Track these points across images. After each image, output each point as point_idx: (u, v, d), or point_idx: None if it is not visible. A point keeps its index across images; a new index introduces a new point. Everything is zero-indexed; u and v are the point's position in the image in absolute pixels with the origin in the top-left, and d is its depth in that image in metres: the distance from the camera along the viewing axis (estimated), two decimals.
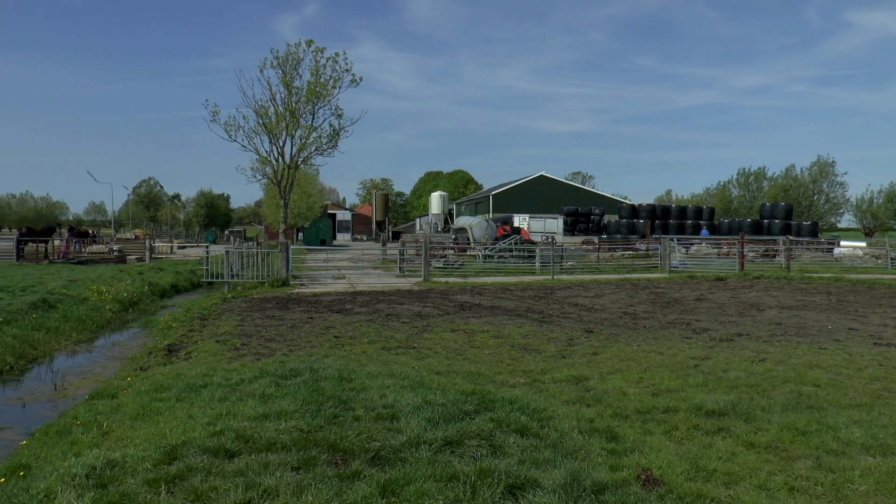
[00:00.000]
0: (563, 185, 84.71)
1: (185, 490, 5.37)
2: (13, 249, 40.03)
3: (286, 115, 34.94)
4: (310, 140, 35.80)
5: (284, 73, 34.90)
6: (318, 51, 34.81)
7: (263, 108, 35.02)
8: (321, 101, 35.11)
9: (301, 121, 35.29)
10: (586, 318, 16.26)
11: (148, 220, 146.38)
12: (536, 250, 34.45)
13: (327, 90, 34.93)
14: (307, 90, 34.79)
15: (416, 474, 5.53)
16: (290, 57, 34.89)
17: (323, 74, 34.86)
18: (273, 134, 35.35)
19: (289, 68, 34.93)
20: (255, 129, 35.30)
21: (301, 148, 36.01)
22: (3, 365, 13.37)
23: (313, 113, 35.43)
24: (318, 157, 37.14)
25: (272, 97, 35.09)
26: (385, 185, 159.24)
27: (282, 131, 35.37)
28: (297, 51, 34.95)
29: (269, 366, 10.10)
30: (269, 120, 35.08)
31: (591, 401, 8.26)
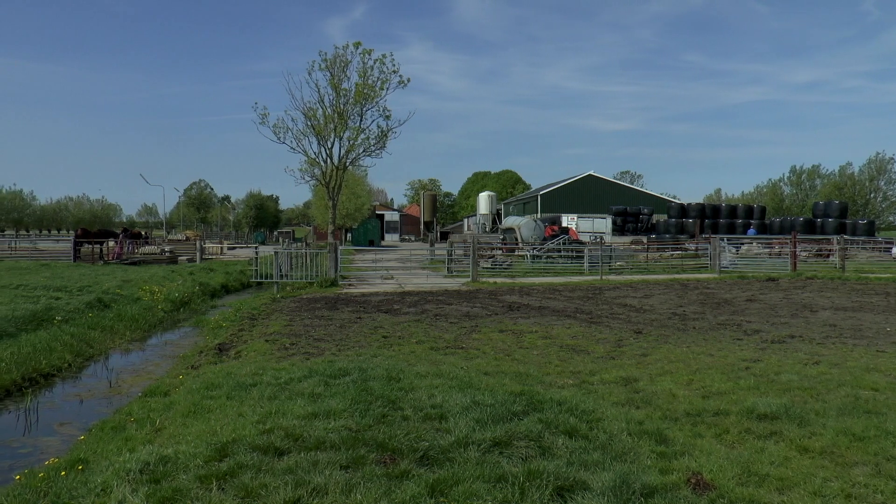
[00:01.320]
0: (612, 184, 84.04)
1: (236, 487, 5.45)
2: (71, 251, 40.98)
3: (334, 116, 35.18)
4: (358, 141, 36.02)
5: (332, 76, 35.15)
6: (365, 53, 35.00)
7: (312, 111, 35.31)
8: (369, 102, 35.29)
9: (349, 122, 35.52)
10: (635, 318, 16.12)
11: (198, 221, 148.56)
12: (585, 250, 34.21)
13: (375, 92, 35.10)
14: (355, 92, 34.99)
15: (464, 475, 5.54)
16: (338, 59, 35.12)
17: (370, 76, 35.04)
18: (321, 136, 35.62)
19: (337, 70, 35.16)
20: (304, 131, 35.61)
21: (349, 149, 36.25)
22: (62, 362, 13.68)
23: (361, 114, 35.64)
24: (367, 158, 37.32)
25: (320, 99, 35.38)
26: (433, 186, 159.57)
27: (330, 133, 35.62)
28: (344, 53, 35.19)
29: (318, 365, 10.18)
30: (318, 122, 35.34)
31: (641, 403, 8.19)
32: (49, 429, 9.97)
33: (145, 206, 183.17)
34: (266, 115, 35.32)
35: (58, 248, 47.87)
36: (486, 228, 72.35)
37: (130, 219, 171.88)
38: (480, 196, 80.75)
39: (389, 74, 35.23)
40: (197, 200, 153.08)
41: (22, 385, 12.09)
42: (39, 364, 13.04)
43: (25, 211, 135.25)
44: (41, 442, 9.36)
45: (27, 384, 12.21)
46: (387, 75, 35.21)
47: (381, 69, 35.11)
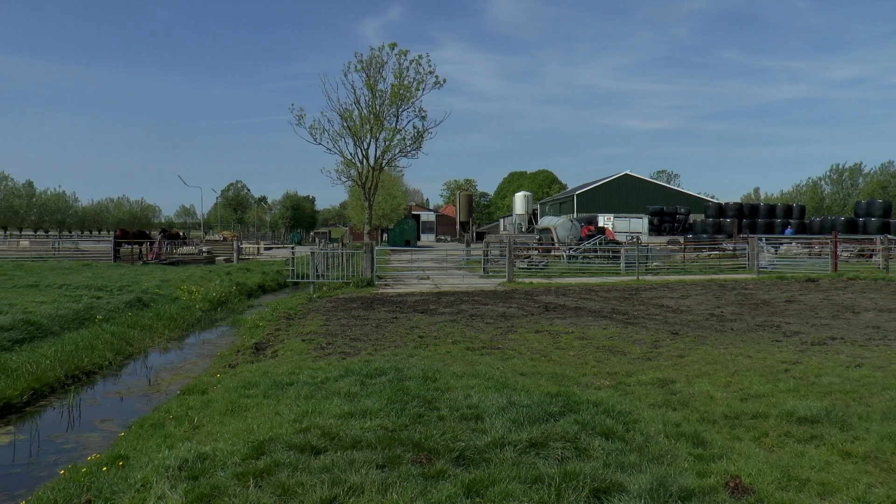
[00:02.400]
0: (648, 183, 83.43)
1: (273, 485, 5.49)
2: (111, 251, 41.64)
3: (370, 117, 35.25)
4: (394, 142, 36.07)
5: (368, 77, 35.21)
6: (401, 53, 35.02)
7: (348, 112, 35.41)
8: (405, 103, 35.33)
9: (385, 123, 35.55)
10: (672, 319, 15.99)
11: (235, 222, 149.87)
12: (621, 251, 34.03)
13: (411, 92, 35.12)
14: (391, 93, 35.05)
15: (500, 475, 5.54)
16: (374, 60, 35.18)
17: (406, 77, 35.05)
18: (357, 136, 35.72)
19: (372, 71, 35.22)
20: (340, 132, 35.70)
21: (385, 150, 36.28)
22: (103, 360, 13.92)
23: (397, 115, 35.65)
24: (403, 158, 37.31)
25: (356, 100, 35.44)
26: (469, 186, 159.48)
27: (366, 134, 35.71)
28: (380, 54, 35.22)
29: (355, 365, 10.23)
30: (354, 123, 35.44)
31: (678, 404, 8.12)
32: (91, 425, 10.16)
33: (183, 207, 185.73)
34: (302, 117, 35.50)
35: (98, 248, 48.64)
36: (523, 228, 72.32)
37: (169, 219, 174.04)
38: (516, 196, 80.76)
39: (425, 75, 35.22)
40: (234, 201, 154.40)
41: (65, 382, 12.33)
42: (81, 362, 13.28)
43: (68, 212, 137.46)
44: (83, 438, 9.55)
45: (70, 381, 12.45)
46: (423, 76, 35.20)
47: (416, 70, 35.12)
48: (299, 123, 35.58)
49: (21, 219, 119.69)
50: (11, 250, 48.49)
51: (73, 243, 54.89)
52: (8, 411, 10.57)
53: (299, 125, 35.59)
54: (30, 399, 11.20)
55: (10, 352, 13.12)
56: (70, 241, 58.15)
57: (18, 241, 59.13)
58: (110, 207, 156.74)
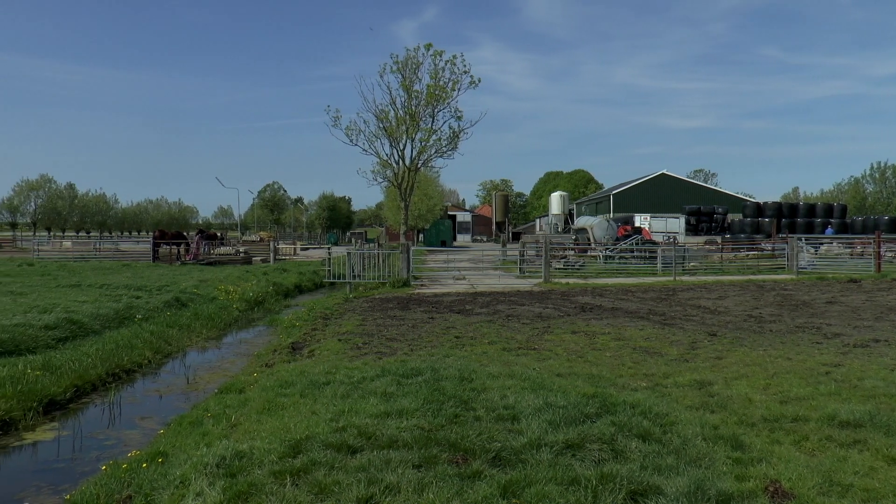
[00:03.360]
0: (685, 183, 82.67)
1: (309, 483, 5.54)
2: (150, 251, 42.22)
3: (406, 118, 35.41)
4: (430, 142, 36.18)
5: (404, 78, 35.38)
6: (436, 54, 35.18)
7: (384, 113, 35.63)
8: (440, 103, 35.43)
9: (421, 124, 35.71)
10: (709, 320, 15.84)
11: (272, 222, 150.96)
12: (658, 251, 33.77)
13: (446, 93, 35.22)
14: (426, 93, 35.16)
15: (536, 476, 5.53)
16: (410, 61, 35.35)
17: (442, 77, 35.19)
18: (393, 137, 35.91)
19: (408, 72, 35.39)
20: (376, 133, 35.95)
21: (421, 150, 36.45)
22: (143, 359, 14.11)
23: (433, 115, 35.81)
24: (438, 159, 37.50)
25: (392, 101, 35.66)
26: (505, 186, 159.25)
27: (402, 134, 35.88)
28: (416, 55, 35.41)
29: (391, 364, 10.27)
30: (390, 124, 35.64)
31: (715, 407, 8.03)
32: (131, 422, 10.31)
33: (221, 208, 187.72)
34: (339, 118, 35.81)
35: (138, 248, 49.32)
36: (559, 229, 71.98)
37: (206, 220, 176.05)
38: (552, 196, 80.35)
39: (460, 75, 35.36)
40: (271, 202, 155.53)
41: (106, 380, 12.51)
42: (122, 360, 13.47)
43: (108, 213, 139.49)
44: (124, 434, 9.69)
45: (111, 379, 12.64)
46: (458, 76, 35.34)
47: (452, 70, 35.26)
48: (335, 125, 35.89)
49: (63, 220, 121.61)
50: (55, 251, 49.34)
51: (113, 244, 55.68)
52: (52, 408, 10.76)
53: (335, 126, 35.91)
54: (73, 396, 11.39)
55: (54, 350, 13.37)
56: (110, 242, 59.02)
57: (61, 241, 60.17)
58: (149, 209, 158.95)
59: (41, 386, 10.87)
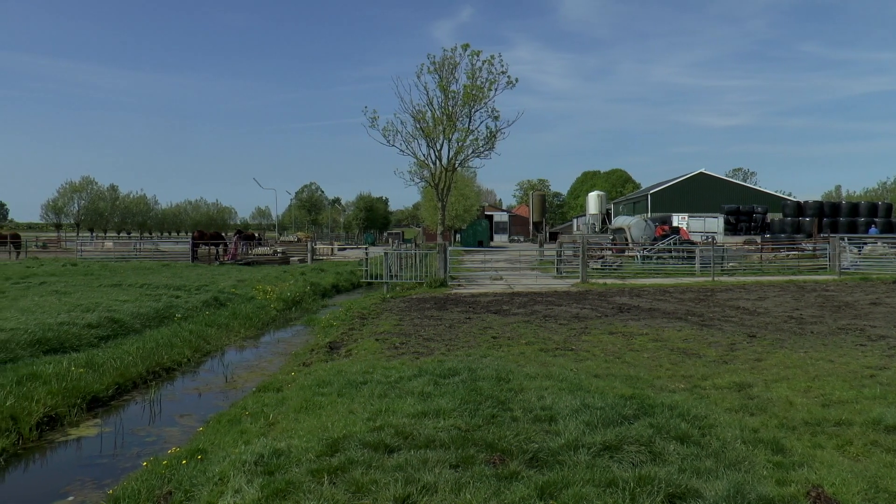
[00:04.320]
0: (724, 182, 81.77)
1: (347, 482, 5.56)
2: (189, 252, 42.71)
3: (443, 118, 35.42)
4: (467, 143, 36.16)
5: (441, 78, 35.40)
6: (473, 54, 35.17)
7: (420, 113, 35.68)
8: (477, 103, 35.40)
9: (458, 124, 35.69)
10: (749, 321, 15.65)
11: (309, 223, 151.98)
12: (696, 251, 33.44)
13: (483, 93, 35.18)
14: (463, 93, 35.15)
15: (574, 478, 5.50)
16: (447, 62, 35.37)
17: (479, 77, 35.15)
18: (430, 138, 35.94)
19: (445, 73, 35.41)
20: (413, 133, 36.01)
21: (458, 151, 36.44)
22: (182, 357, 14.30)
23: (470, 116, 35.79)
24: (475, 159, 37.46)
25: (429, 102, 35.71)
26: (542, 186, 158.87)
27: (439, 135, 35.90)
28: (453, 55, 35.41)
29: (428, 364, 10.29)
30: (427, 124, 35.68)
31: (755, 409, 7.93)
32: (171, 419, 10.46)
33: (258, 209, 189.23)
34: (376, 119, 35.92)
35: (177, 249, 49.88)
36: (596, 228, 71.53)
37: (244, 221, 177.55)
38: (590, 196, 79.92)
39: (498, 75, 35.30)
40: (308, 203, 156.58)
41: (147, 378, 12.70)
42: (161, 359, 13.66)
43: (149, 214, 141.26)
44: (164, 432, 9.83)
45: (151, 377, 12.83)
46: (495, 76, 35.30)
47: (489, 70, 35.22)
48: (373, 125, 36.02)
49: (105, 221, 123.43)
50: (97, 251, 50.13)
51: (153, 244, 56.49)
52: (95, 405, 10.95)
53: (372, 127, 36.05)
54: (114, 393, 11.58)
55: (96, 348, 13.60)
56: (150, 243, 59.93)
57: (103, 242, 61.06)
58: (188, 209, 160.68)
59: (85, 383, 11.08)
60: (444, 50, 36.79)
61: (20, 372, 10.91)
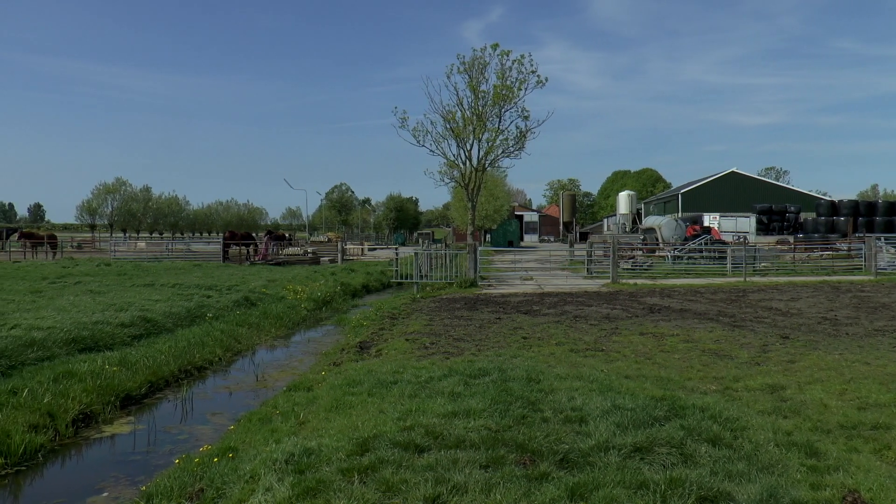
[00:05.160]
0: (756, 181, 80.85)
1: (377, 481, 5.58)
2: (220, 252, 43.04)
3: (473, 118, 35.34)
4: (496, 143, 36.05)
5: (471, 78, 35.28)
6: (503, 54, 34.96)
7: (450, 113, 35.55)
8: (507, 103, 35.28)
9: (488, 124, 35.58)
10: (781, 323, 15.48)
11: (340, 223, 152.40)
12: (727, 251, 33.14)
13: (513, 92, 35.05)
14: (493, 93, 35.05)
15: (604, 479, 5.48)
16: (476, 62, 35.24)
17: (508, 77, 35.01)
18: (460, 138, 35.85)
19: (475, 73, 35.29)
20: (443, 133, 35.93)
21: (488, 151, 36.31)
22: (213, 356, 14.42)
23: (500, 116, 35.65)
24: (505, 159, 37.29)
25: (459, 102, 35.56)
26: (572, 186, 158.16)
27: (469, 135, 35.80)
28: (482, 55, 35.27)
29: (458, 365, 10.29)
30: (456, 124, 35.59)
31: (788, 412, 7.84)
32: (202, 418, 10.56)
33: (289, 209, 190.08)
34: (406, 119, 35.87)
35: (208, 249, 50.28)
36: (626, 228, 71.22)
37: (275, 221, 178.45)
38: (620, 195, 79.62)
39: (527, 75, 35.06)
40: (338, 203, 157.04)
41: (179, 376, 12.83)
42: (193, 357, 13.79)
43: (180, 215, 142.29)
44: (196, 430, 9.92)
45: (183, 375, 12.95)
46: (525, 76, 35.05)
47: (519, 70, 35.00)
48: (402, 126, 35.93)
49: (138, 221, 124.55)
50: (130, 251, 50.70)
51: (184, 245, 56.95)
52: (129, 402, 11.09)
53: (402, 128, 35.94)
54: (147, 391, 11.71)
55: (129, 347, 13.74)
56: (182, 243, 60.41)
57: (136, 242, 61.73)
58: (219, 210, 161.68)
59: (118, 381, 11.21)
60: (473, 50, 36.63)
61: (57, 370, 11.09)
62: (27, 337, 12.58)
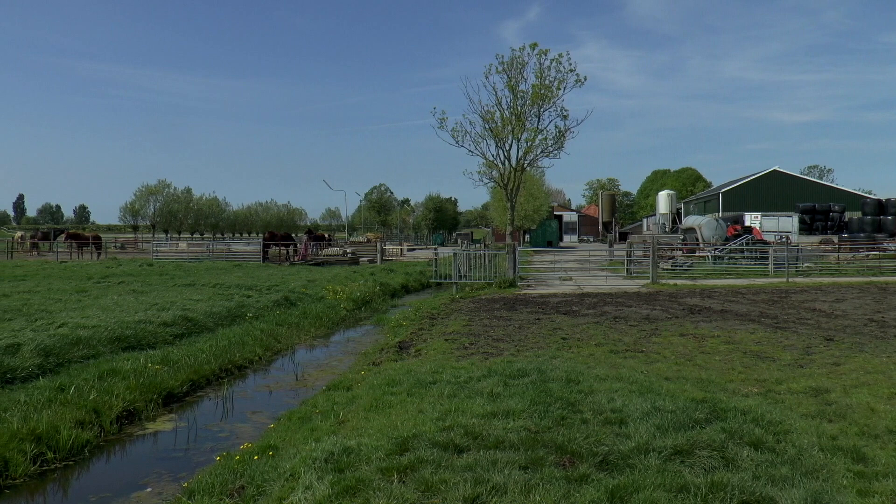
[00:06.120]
0: (798, 180, 79.59)
1: (416, 480, 5.59)
2: (260, 252, 43.43)
3: (512, 118, 35.32)
4: (535, 142, 35.99)
5: (509, 78, 35.29)
6: (542, 53, 34.95)
7: (489, 113, 35.61)
8: (546, 103, 35.21)
9: (527, 124, 35.55)
10: (825, 324, 15.23)
11: (379, 223, 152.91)
12: (769, 251, 32.71)
13: (552, 92, 34.97)
14: (532, 93, 34.99)
15: (644, 482, 5.43)
16: (515, 61, 35.23)
17: (547, 76, 34.95)
18: (499, 138, 35.85)
19: (514, 72, 35.28)
20: (482, 133, 35.97)
21: (527, 151, 36.28)
22: (253, 356, 14.54)
23: (538, 115, 35.60)
24: (544, 159, 37.23)
25: (498, 102, 35.60)
26: (611, 185, 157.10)
27: (508, 135, 35.80)
28: (521, 55, 35.26)
29: (497, 365, 10.28)
30: (495, 124, 35.60)
31: (833, 416, 7.69)
32: (243, 416, 10.65)
33: (328, 210, 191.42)
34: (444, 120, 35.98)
35: (248, 249, 50.83)
36: (666, 228, 70.63)
37: (314, 222, 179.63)
38: (660, 195, 78.95)
39: (566, 74, 35.02)
40: (377, 204, 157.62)
41: (219, 375, 12.96)
42: (233, 356, 13.92)
43: (221, 216, 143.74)
44: (236, 428, 10.02)
45: (223, 374, 13.08)
46: (563, 75, 35.02)
47: (557, 69, 34.96)
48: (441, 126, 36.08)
49: (179, 222, 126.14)
50: (172, 252, 51.47)
51: (225, 245, 57.65)
52: (171, 400, 11.23)
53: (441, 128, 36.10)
54: (189, 390, 11.84)
55: (171, 345, 13.93)
56: (223, 244, 61.15)
57: (178, 243, 62.61)
58: (259, 211, 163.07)
59: (160, 379, 11.36)
60: (512, 50, 36.57)
61: (101, 368, 11.29)
62: (73, 335, 12.83)
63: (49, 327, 13.49)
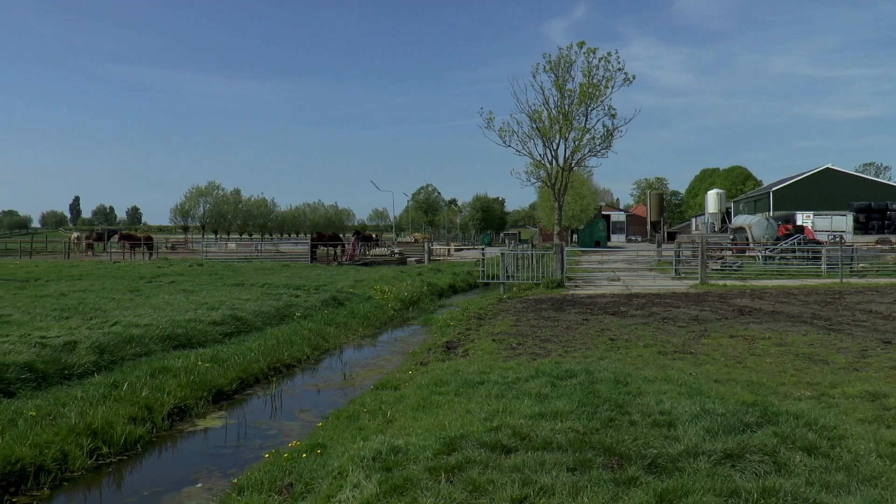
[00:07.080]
0: (853, 177, 78.00)
1: (464, 480, 5.58)
2: (308, 252, 43.82)
3: (559, 118, 35.18)
4: (583, 142, 35.79)
5: (557, 77, 35.16)
6: (589, 52, 34.79)
7: (536, 113, 35.53)
8: (594, 102, 35.00)
9: (574, 123, 35.38)
10: (883, 327, 14.87)
11: (426, 224, 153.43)
12: (822, 251, 32.10)
13: (600, 91, 34.76)
14: (580, 92, 34.81)
15: (694, 486, 5.35)
16: (562, 60, 35.09)
17: (595, 75, 34.75)
18: (546, 137, 35.74)
19: (561, 71, 35.15)
20: (529, 133, 35.90)
21: (574, 150, 36.11)
22: (301, 355, 14.66)
23: (586, 114, 35.42)
24: (592, 158, 37.02)
25: (545, 101, 35.53)
26: (659, 185, 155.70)
27: (555, 134, 35.67)
28: (568, 53, 35.12)
29: (545, 366, 10.24)
30: (543, 124, 35.50)
31: (892, 421, 7.45)
32: (291, 414, 10.75)
33: (376, 211, 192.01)
34: (492, 120, 35.98)
35: (296, 250, 51.33)
36: (715, 228, 69.68)
37: (362, 223, 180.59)
38: (708, 194, 77.93)
39: (614, 72, 34.83)
40: (425, 204, 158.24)
41: (268, 373, 13.09)
42: (282, 355, 14.05)
43: (269, 216, 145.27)
44: (284, 426, 10.11)
45: (272, 373, 13.21)
46: (611, 73, 34.83)
47: (605, 68, 34.77)
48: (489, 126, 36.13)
49: (228, 223, 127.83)
50: (221, 252, 52.24)
51: (273, 246, 58.32)
52: (220, 398, 11.37)
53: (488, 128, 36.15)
54: (238, 388, 11.98)
55: (221, 344, 14.13)
56: (271, 244, 61.89)
57: (227, 243, 63.45)
58: (307, 212, 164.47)
59: (210, 377, 11.53)
60: (559, 48, 36.53)
61: (153, 365, 11.52)
62: (126, 333, 13.10)
63: (103, 325, 13.81)
